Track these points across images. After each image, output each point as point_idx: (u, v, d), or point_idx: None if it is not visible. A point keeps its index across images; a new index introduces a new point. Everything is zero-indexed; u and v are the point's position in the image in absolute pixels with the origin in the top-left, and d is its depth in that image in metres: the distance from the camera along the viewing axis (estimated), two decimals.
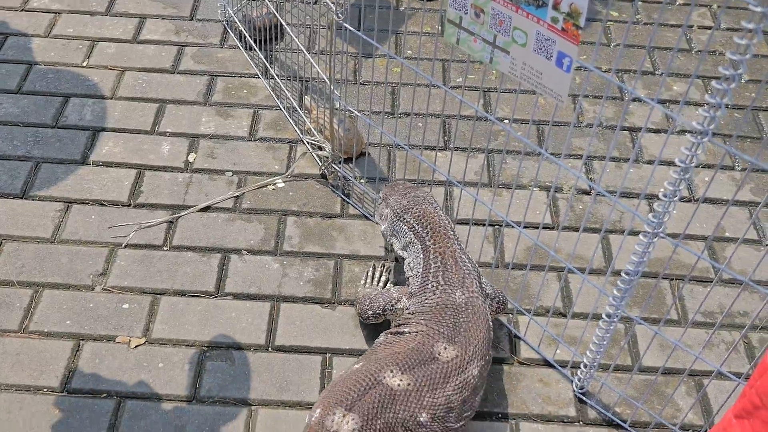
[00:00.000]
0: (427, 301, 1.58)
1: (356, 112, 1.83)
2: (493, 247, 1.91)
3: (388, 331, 1.60)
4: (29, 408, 1.57)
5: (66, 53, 2.31)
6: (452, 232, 1.67)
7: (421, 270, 1.63)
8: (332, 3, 1.70)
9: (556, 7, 1.24)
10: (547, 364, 1.71)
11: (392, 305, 1.64)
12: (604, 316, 1.50)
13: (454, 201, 2.00)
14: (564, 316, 1.78)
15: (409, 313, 1.59)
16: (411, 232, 1.67)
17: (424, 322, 1.54)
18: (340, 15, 1.68)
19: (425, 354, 1.48)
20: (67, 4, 2.46)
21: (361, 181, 2.02)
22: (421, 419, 1.42)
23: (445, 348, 1.49)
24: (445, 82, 2.29)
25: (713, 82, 1.10)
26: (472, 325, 1.54)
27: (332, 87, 1.81)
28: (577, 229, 1.92)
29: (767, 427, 1.13)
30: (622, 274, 1.41)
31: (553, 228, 1.95)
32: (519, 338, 1.74)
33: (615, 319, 1.49)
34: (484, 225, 1.90)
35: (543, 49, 1.31)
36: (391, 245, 1.74)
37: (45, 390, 1.60)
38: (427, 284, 1.61)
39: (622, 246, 1.53)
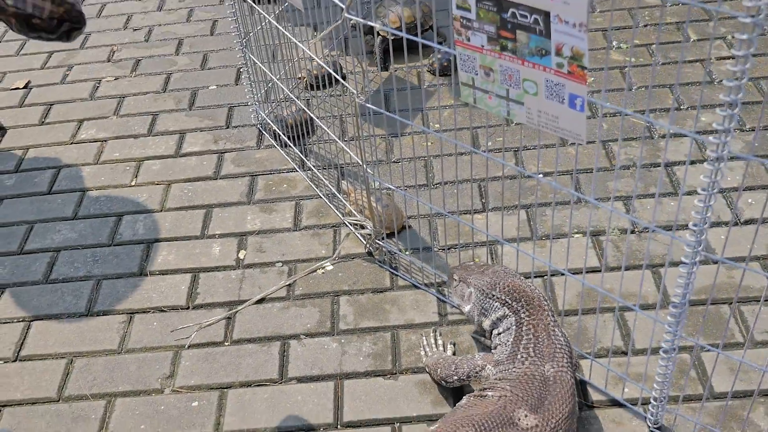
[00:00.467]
0: (514, 370, 1.56)
1: (391, 187, 1.88)
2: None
3: (471, 393, 1.59)
4: None
5: (115, 176, 2.43)
6: (546, 304, 1.65)
7: (511, 341, 1.62)
8: (354, 90, 1.79)
9: (558, 53, 1.30)
10: (617, 404, 1.68)
11: (476, 372, 1.63)
12: (663, 345, 1.49)
13: (500, 259, 2.03)
14: (625, 354, 1.77)
15: (495, 379, 1.58)
16: (505, 307, 1.66)
17: (509, 387, 1.53)
18: (361, 97, 1.77)
19: (504, 418, 1.46)
20: (112, 132, 2.61)
21: (407, 252, 2.06)
22: None
23: (526, 416, 1.47)
24: (475, 147, 2.35)
25: (717, 110, 1.13)
26: (558, 398, 1.51)
27: (365, 167, 1.88)
28: (629, 268, 1.93)
29: None
30: (671, 302, 1.41)
31: (599, 271, 1.96)
32: (585, 382, 1.73)
33: (674, 349, 1.48)
34: (529, 277, 1.92)
35: (555, 94, 1.36)
36: (479, 324, 1.72)
37: None
38: (517, 355, 1.58)
39: (665, 274, 1.52)
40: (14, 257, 2.20)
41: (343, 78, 2.58)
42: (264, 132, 2.53)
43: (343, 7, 1.63)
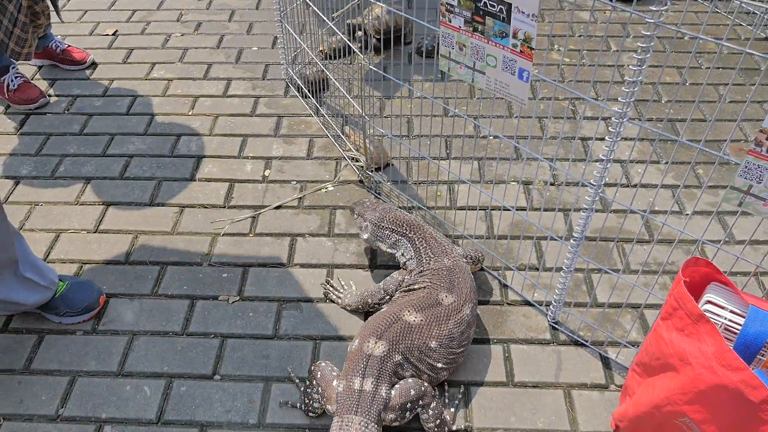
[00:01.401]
0: (424, 270, 1.60)
1: (383, 132, 1.88)
2: (485, 224, 1.94)
3: (402, 289, 1.61)
4: (161, 346, 1.63)
5: (176, 107, 2.40)
6: (423, 222, 1.69)
7: (413, 253, 1.64)
8: (363, 59, 1.77)
9: (515, 36, 1.29)
10: (528, 303, 1.73)
11: (400, 284, 1.63)
12: (564, 266, 1.53)
13: (456, 194, 2.04)
14: (537, 269, 1.80)
15: (414, 277, 1.60)
16: (394, 233, 1.67)
17: (427, 280, 1.56)
18: (367, 62, 1.75)
19: (432, 300, 1.50)
20: (177, 74, 2.56)
21: (389, 183, 2.07)
22: (431, 345, 1.45)
23: (446, 296, 1.52)
24: (446, 113, 2.34)
25: (620, 98, 1.14)
26: (461, 279, 1.56)
27: (365, 116, 1.87)
28: (547, 210, 1.96)
29: (682, 322, 1.15)
30: (573, 235, 1.44)
31: (526, 209, 1.98)
32: (507, 286, 1.76)
33: (571, 268, 1.52)
34: (475, 209, 1.94)
35: (508, 68, 1.36)
36: (377, 247, 1.72)
37: (170, 333, 1.66)
38: (422, 260, 1.61)
39: (571, 216, 1.54)
40: (98, 158, 2.18)
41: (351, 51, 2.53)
42: (290, 85, 2.50)
43: None
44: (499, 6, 1.28)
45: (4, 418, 1.49)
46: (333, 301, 1.71)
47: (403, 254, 1.67)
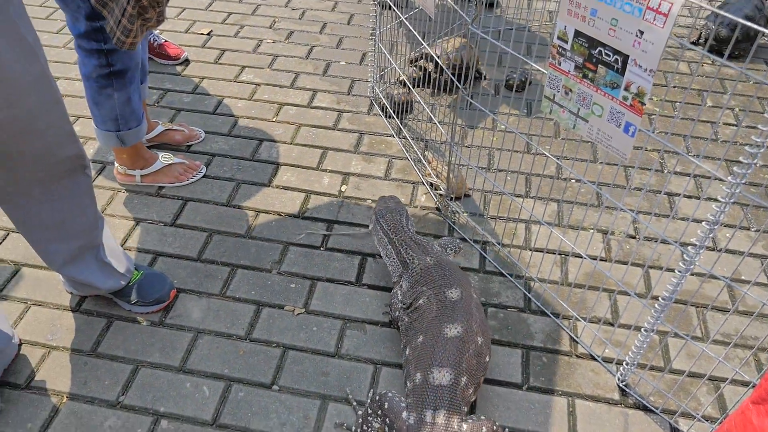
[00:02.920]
0: (413, 272, 1.62)
1: (470, 164, 1.88)
2: (559, 269, 1.91)
3: (408, 310, 1.59)
4: (223, 348, 1.66)
5: (262, 112, 2.47)
6: (408, 227, 1.74)
7: (394, 255, 1.70)
8: (462, 88, 1.78)
9: (627, 89, 1.28)
10: (597, 360, 1.69)
11: (400, 298, 1.64)
12: (644, 326, 1.49)
13: (531, 234, 2.02)
14: (611, 325, 1.76)
15: (409, 289, 1.61)
16: (381, 232, 1.75)
17: (423, 289, 1.57)
18: (465, 90, 1.76)
19: (447, 303, 1.51)
20: (265, 79, 2.64)
21: (465, 214, 2.07)
22: (479, 341, 1.47)
23: (451, 292, 1.53)
24: (529, 150, 2.33)
25: (735, 168, 1.11)
26: (450, 271, 1.59)
27: (452, 144, 1.88)
28: (625, 263, 1.91)
29: None
30: (660, 298, 1.40)
31: (606, 260, 1.94)
32: (576, 340, 1.73)
33: (653, 329, 1.48)
34: (554, 253, 1.91)
35: (614, 120, 1.34)
36: (376, 244, 1.80)
37: (234, 336, 1.69)
38: (405, 261, 1.66)
39: (660, 279, 1.51)
40: (182, 153, 2.26)
41: (453, 80, 2.55)
42: (374, 103, 2.54)
43: (468, 20, 1.61)
44: (615, 56, 1.27)
45: (68, 397, 1.55)
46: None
47: (386, 255, 1.73)
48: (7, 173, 1.34)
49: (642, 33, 1.19)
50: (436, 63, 2.48)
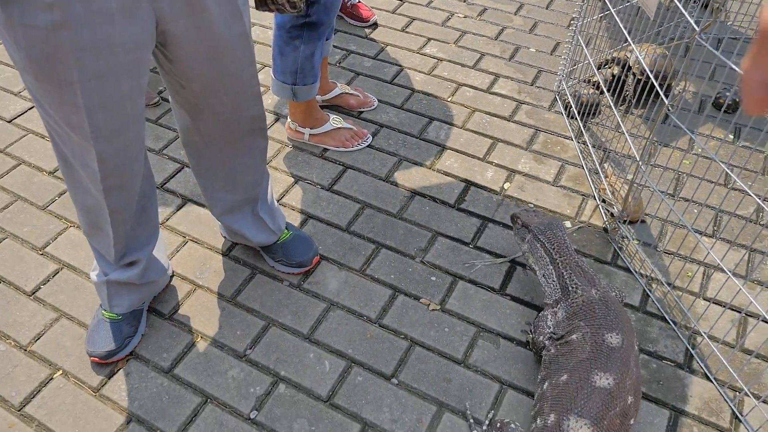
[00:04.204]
0: (574, 303, 1.45)
1: (655, 189, 1.66)
2: (736, 330, 1.65)
3: (557, 342, 1.43)
4: (352, 326, 1.63)
5: (438, 89, 2.38)
6: (573, 250, 1.56)
7: (555, 278, 1.52)
8: (669, 105, 1.55)
9: None
10: None
11: (550, 325, 1.47)
12: None
13: (710, 281, 1.76)
14: None
15: (564, 319, 1.44)
16: (542, 249, 1.57)
17: (582, 323, 1.39)
18: (671, 108, 1.54)
19: (604, 347, 1.34)
20: (448, 55, 2.54)
21: (636, 241, 1.85)
22: (629, 401, 1.30)
23: (611, 336, 1.35)
24: (726, 183, 2.03)
25: None
26: (615, 311, 1.40)
27: (640, 163, 1.67)
28: None
29: None
30: None
31: None
32: (740, 418, 1.48)
33: None
34: (734, 310, 1.65)
35: None
36: (527, 262, 1.65)
37: (364, 317, 1.65)
38: (567, 287, 1.48)
39: None
40: (352, 118, 2.24)
41: (663, 87, 2.28)
42: (558, 99, 2.34)
43: (697, 29, 1.38)
44: None
45: (202, 337, 1.61)
46: None
47: (544, 276, 1.56)
48: (194, 120, 1.38)
49: None
50: (628, 69, 2.22)
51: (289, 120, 2.11)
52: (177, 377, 1.53)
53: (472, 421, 1.44)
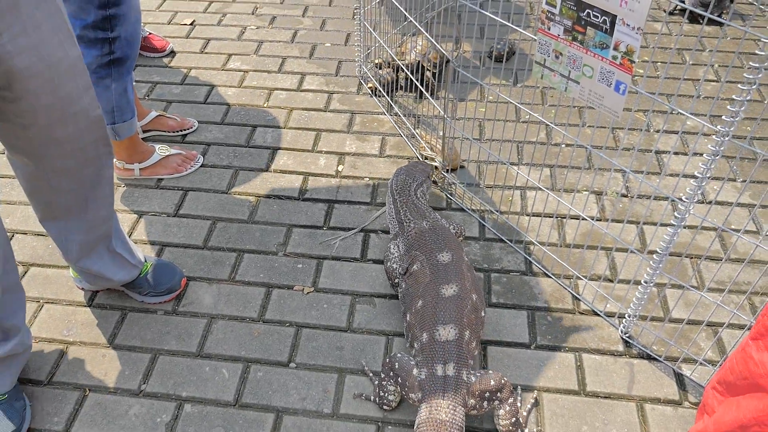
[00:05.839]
0: (408, 235, 1.69)
1: (466, 136, 1.90)
2: (557, 232, 1.95)
3: (404, 276, 1.64)
4: (238, 331, 1.69)
5: (252, 98, 2.47)
6: (415, 192, 1.81)
7: (394, 215, 1.78)
8: (453, 61, 1.79)
9: (616, 48, 1.31)
10: (600, 315, 1.74)
11: (394, 254, 1.71)
12: (643, 279, 1.53)
13: (527, 200, 2.05)
14: (611, 281, 1.81)
15: (404, 252, 1.67)
16: (389, 192, 1.85)
17: (417, 253, 1.63)
18: (456, 63, 1.78)
19: (440, 266, 1.57)
20: (252, 66, 2.64)
21: (462, 185, 2.10)
22: (474, 298, 1.54)
23: (442, 255, 1.59)
24: (518, 118, 2.36)
25: (723, 116, 1.15)
26: (442, 235, 1.66)
27: (447, 118, 1.90)
28: (620, 221, 1.96)
29: None
30: (657, 250, 1.45)
31: (600, 220, 1.99)
32: (578, 298, 1.77)
33: (651, 283, 1.53)
34: (551, 216, 1.95)
35: (605, 79, 1.37)
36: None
37: (247, 319, 1.72)
38: (402, 222, 1.74)
39: (655, 234, 1.55)
40: (178, 145, 2.26)
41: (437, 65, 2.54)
42: (363, 82, 2.55)
43: None
44: (603, 17, 1.29)
45: (90, 389, 1.57)
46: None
47: (388, 213, 1.83)
48: (38, 162, 1.35)
49: None
50: (420, 69, 2.43)
51: (115, 160, 2.09)
52: None
53: (371, 374, 1.58)
